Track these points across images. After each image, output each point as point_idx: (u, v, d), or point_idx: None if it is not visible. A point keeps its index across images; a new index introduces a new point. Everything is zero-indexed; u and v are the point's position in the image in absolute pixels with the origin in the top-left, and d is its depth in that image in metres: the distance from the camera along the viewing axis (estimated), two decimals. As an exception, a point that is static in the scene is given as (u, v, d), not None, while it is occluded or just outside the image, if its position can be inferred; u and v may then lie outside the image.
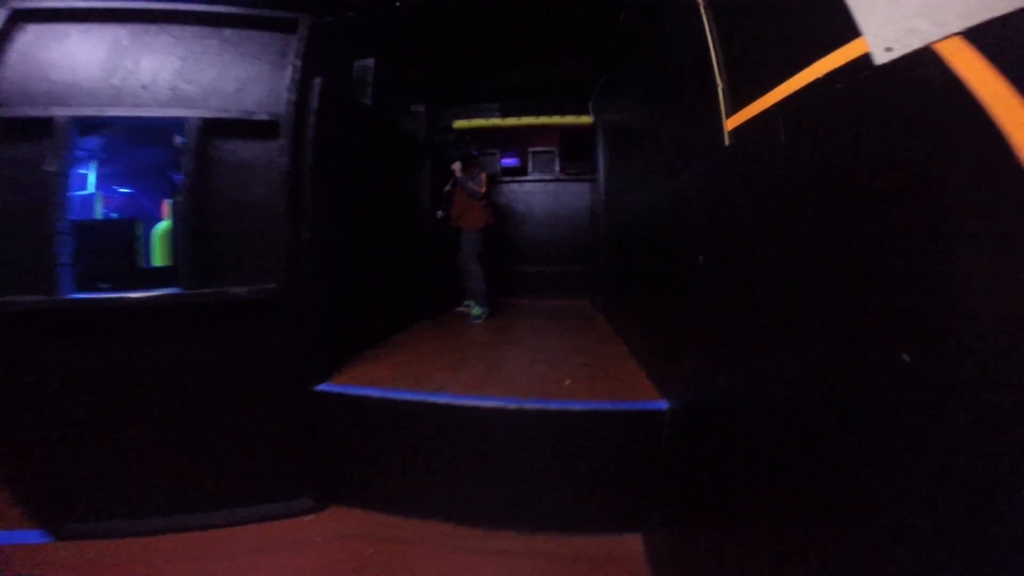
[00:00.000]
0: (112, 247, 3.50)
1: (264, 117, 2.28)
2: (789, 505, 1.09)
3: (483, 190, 4.25)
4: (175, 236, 2.18)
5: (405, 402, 2.34)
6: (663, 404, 2.20)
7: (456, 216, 4.35)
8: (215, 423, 2.34)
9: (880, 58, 0.76)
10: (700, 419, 1.83)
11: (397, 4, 2.76)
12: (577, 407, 2.20)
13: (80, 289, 2.29)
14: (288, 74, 2.34)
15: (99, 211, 6.30)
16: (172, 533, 2.26)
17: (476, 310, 4.42)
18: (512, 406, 2.21)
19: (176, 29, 2.32)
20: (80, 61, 2.21)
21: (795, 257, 1.06)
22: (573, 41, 3.58)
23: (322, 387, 2.47)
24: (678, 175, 2.08)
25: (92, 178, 6.08)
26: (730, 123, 1.50)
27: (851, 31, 0.82)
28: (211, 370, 2.30)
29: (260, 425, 2.38)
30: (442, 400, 2.31)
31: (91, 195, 6.12)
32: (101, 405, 2.22)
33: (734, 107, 1.47)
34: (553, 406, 2.21)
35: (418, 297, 4.23)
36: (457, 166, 4.32)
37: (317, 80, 2.41)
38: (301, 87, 2.35)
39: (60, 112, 2.09)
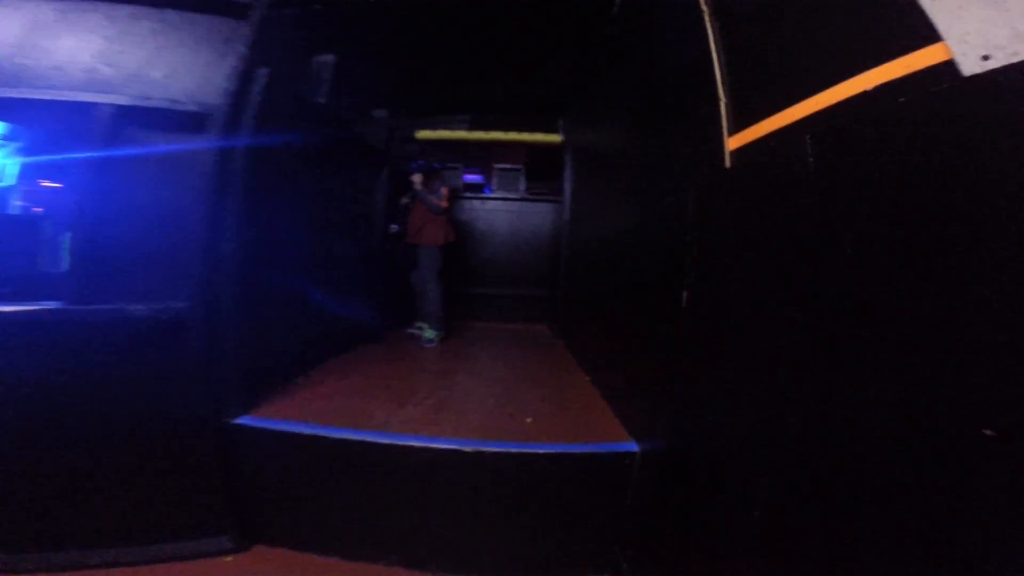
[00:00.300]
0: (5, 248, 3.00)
1: (194, 108, 1.97)
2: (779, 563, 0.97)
3: (444, 204, 4.00)
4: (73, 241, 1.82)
5: (341, 441, 2.04)
6: (633, 446, 2.03)
7: (414, 232, 4.08)
8: (118, 454, 1.98)
9: (971, 67, 0.60)
10: (676, 464, 1.68)
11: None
12: (541, 449, 1.99)
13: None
14: (229, 62, 2.05)
15: (15, 206, 5.55)
16: (75, 570, 1.90)
17: (429, 333, 4.14)
18: (468, 448, 1.96)
19: (110, 7, 2.00)
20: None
21: (825, 302, 0.90)
22: (552, 52, 3.41)
23: (243, 420, 2.14)
24: (661, 200, 1.94)
25: (9, 170, 5.38)
26: (733, 142, 1.36)
27: (922, 36, 0.67)
28: (110, 396, 1.93)
29: (170, 459, 2.02)
30: (385, 440, 2.03)
31: (6, 188, 5.40)
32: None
33: (739, 125, 1.34)
34: (514, 448, 1.98)
35: (365, 317, 3.90)
36: (417, 178, 4.04)
37: (262, 71, 2.12)
38: (243, 78, 2.06)
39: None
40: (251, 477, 2.12)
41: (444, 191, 4.05)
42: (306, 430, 2.09)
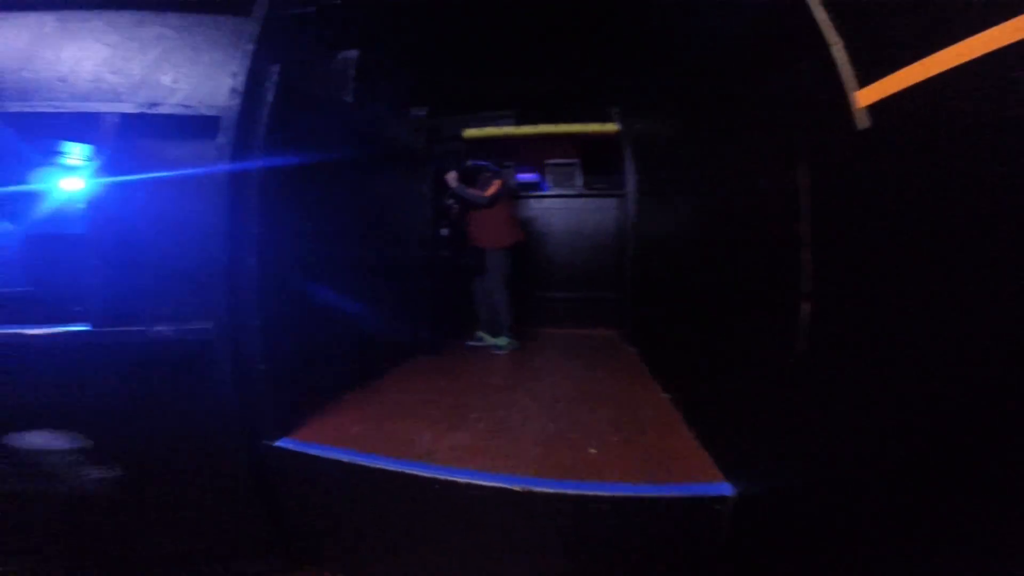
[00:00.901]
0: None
1: (205, 112, 1.82)
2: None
3: (487, 192, 3.76)
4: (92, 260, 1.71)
5: (380, 471, 1.79)
6: (726, 487, 1.61)
7: (476, 234, 3.88)
8: (156, 477, 1.91)
9: None
10: (789, 515, 1.29)
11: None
12: (605, 491, 1.61)
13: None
14: (238, 62, 1.88)
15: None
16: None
17: (501, 340, 3.91)
18: (517, 487, 1.63)
19: (111, 14, 1.91)
20: (-7, 52, 1.82)
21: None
22: (596, 35, 3.07)
23: (282, 443, 1.97)
24: (751, 182, 1.52)
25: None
26: (865, 96, 1.00)
27: None
28: (143, 419, 1.85)
29: (208, 481, 1.92)
30: (427, 472, 1.74)
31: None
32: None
33: (871, 72, 0.99)
34: (571, 489, 1.62)
35: (414, 329, 3.69)
36: (452, 176, 3.84)
37: (275, 67, 1.94)
38: (253, 76, 1.88)
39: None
40: (294, 500, 1.97)
41: (496, 183, 3.82)
42: (343, 457, 1.87)
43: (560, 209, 5.14)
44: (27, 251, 3.28)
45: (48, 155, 4.51)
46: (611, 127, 4.47)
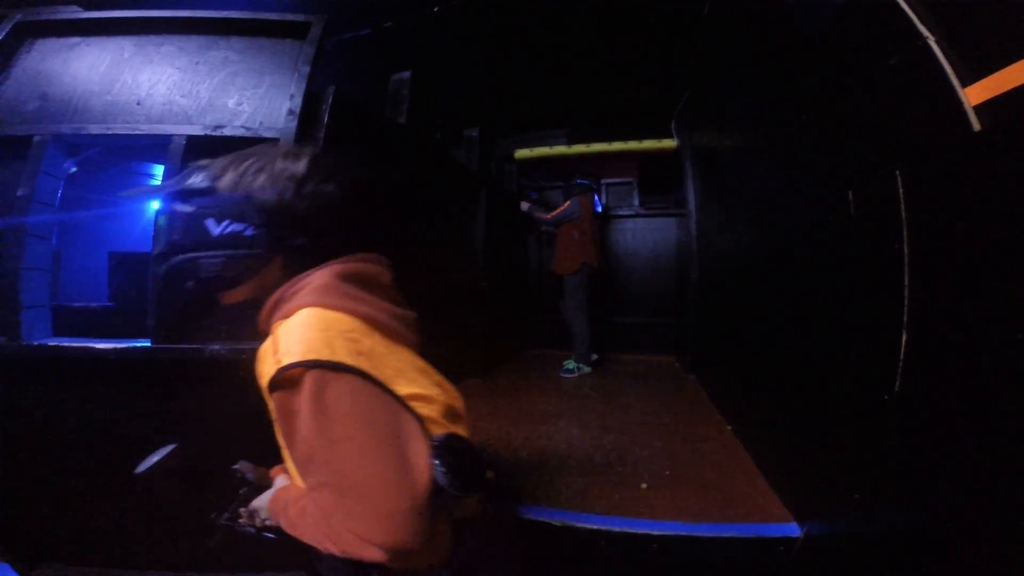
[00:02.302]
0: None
1: (264, 134, 1.89)
2: None
3: (549, 215, 3.86)
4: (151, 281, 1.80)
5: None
6: (793, 528, 1.44)
7: (554, 261, 3.94)
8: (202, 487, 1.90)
9: None
10: (868, 561, 1.12)
11: (435, 9, 2.35)
12: (656, 529, 1.46)
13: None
14: (296, 84, 1.95)
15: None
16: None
17: (569, 364, 3.85)
18: (556, 521, 1.52)
19: (182, 39, 2.04)
20: (79, 76, 1.98)
21: None
22: (649, 52, 2.99)
23: None
24: (836, 197, 1.36)
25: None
26: (977, 92, 0.86)
27: None
28: (201, 426, 1.85)
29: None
30: (463, 501, 1.66)
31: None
32: (72, 454, 1.86)
33: (985, 65, 0.85)
34: (616, 526, 1.48)
35: (465, 351, 3.64)
36: (525, 205, 4.04)
37: (330, 89, 1.99)
38: (309, 98, 1.94)
39: (39, 130, 1.83)
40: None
41: (565, 204, 3.88)
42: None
43: (616, 230, 4.99)
44: (111, 268, 3.58)
45: (138, 176, 4.97)
46: (669, 143, 4.31)
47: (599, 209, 4.31)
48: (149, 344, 1.84)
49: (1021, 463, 0.75)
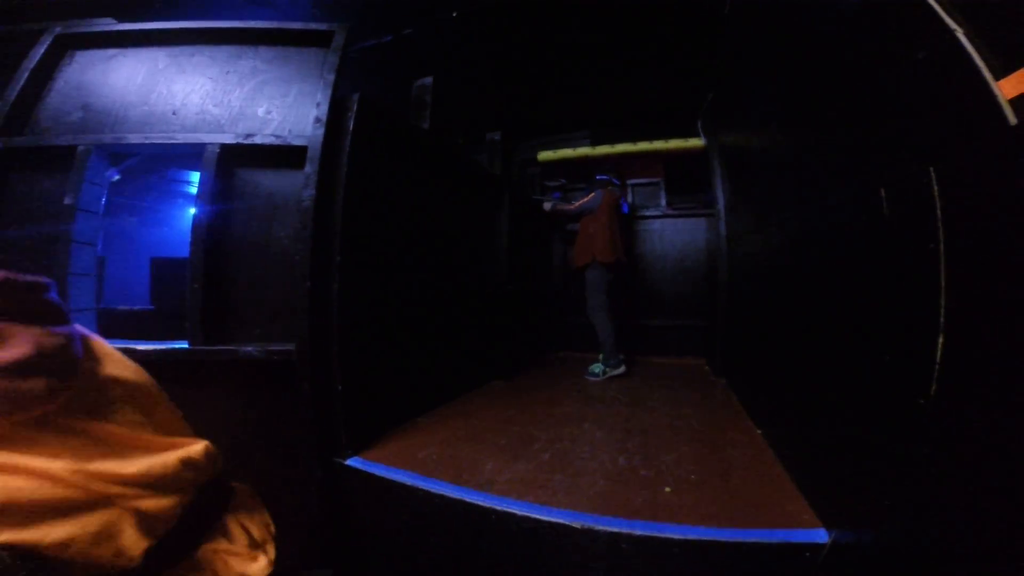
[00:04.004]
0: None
1: (293, 142, 1.95)
2: None
3: (573, 206, 3.86)
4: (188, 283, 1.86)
5: (440, 496, 1.75)
6: (821, 534, 1.40)
7: (573, 254, 3.96)
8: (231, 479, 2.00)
9: None
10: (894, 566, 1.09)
11: (455, 14, 2.37)
12: (678, 533, 1.44)
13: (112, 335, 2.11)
14: (322, 92, 2.01)
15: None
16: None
17: (596, 367, 3.79)
18: (577, 524, 1.51)
19: (212, 49, 2.12)
20: (117, 87, 2.08)
21: None
22: (671, 44, 2.95)
23: (352, 462, 2.01)
24: (867, 196, 1.32)
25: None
26: (1012, 85, 0.83)
27: None
28: (231, 425, 1.98)
29: (280, 490, 1.95)
30: (484, 502, 1.67)
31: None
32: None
33: (1017, 58, 0.83)
34: (639, 530, 1.46)
35: (491, 353, 3.66)
36: (547, 205, 4.05)
37: (354, 96, 2.04)
38: (335, 105, 2.00)
39: (82, 140, 1.93)
40: (359, 518, 2.00)
41: (589, 195, 3.86)
42: (406, 479, 1.86)
43: (643, 231, 4.92)
44: (152, 273, 3.74)
45: (175, 183, 5.19)
46: (696, 142, 4.23)
47: (625, 210, 4.27)
48: (187, 346, 1.91)
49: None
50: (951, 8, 0.96)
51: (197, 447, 0.86)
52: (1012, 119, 0.84)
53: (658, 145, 4.35)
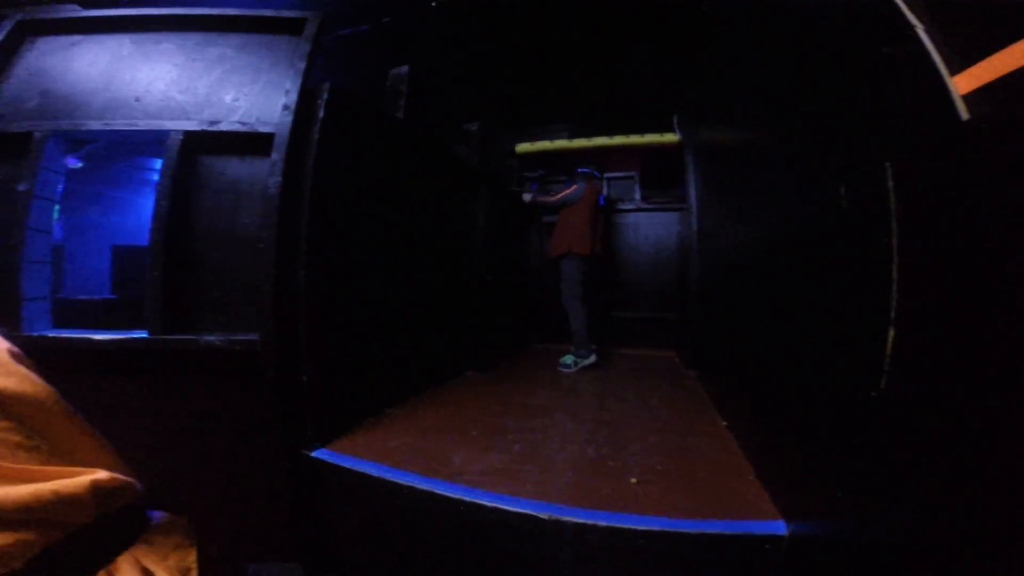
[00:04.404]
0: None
1: (260, 129, 1.90)
2: None
3: (554, 197, 3.92)
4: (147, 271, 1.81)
5: (408, 488, 1.74)
6: (779, 526, 1.44)
7: (549, 244, 4.02)
8: (195, 472, 1.98)
9: None
10: (847, 558, 1.13)
11: (433, 4, 2.34)
12: (641, 525, 1.46)
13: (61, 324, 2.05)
14: (292, 80, 1.96)
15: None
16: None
17: (567, 358, 3.82)
18: (545, 515, 1.52)
19: (180, 36, 2.06)
20: (79, 73, 2.02)
21: None
22: (649, 44, 2.97)
23: (319, 454, 1.99)
24: (828, 191, 1.35)
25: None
26: (966, 81, 0.84)
27: None
28: (191, 415, 1.94)
29: (244, 482, 2.00)
30: (453, 494, 1.67)
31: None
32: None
33: (974, 53, 0.83)
34: (603, 521, 1.48)
35: (466, 344, 3.66)
36: (528, 196, 4.12)
37: (325, 84, 2.00)
38: (305, 93, 1.95)
39: (39, 127, 1.86)
40: (327, 510, 1.98)
41: (571, 187, 3.90)
42: (373, 471, 1.85)
43: (617, 224, 4.98)
44: (114, 262, 3.63)
45: (144, 171, 5.02)
46: (671, 138, 4.29)
47: (602, 203, 4.30)
48: (146, 335, 1.86)
49: (1010, 462, 0.74)
50: (913, 4, 0.98)
51: (80, 480, 0.71)
52: (964, 115, 0.86)
53: (634, 139, 4.39)
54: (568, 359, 3.83)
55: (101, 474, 0.74)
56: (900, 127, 1.04)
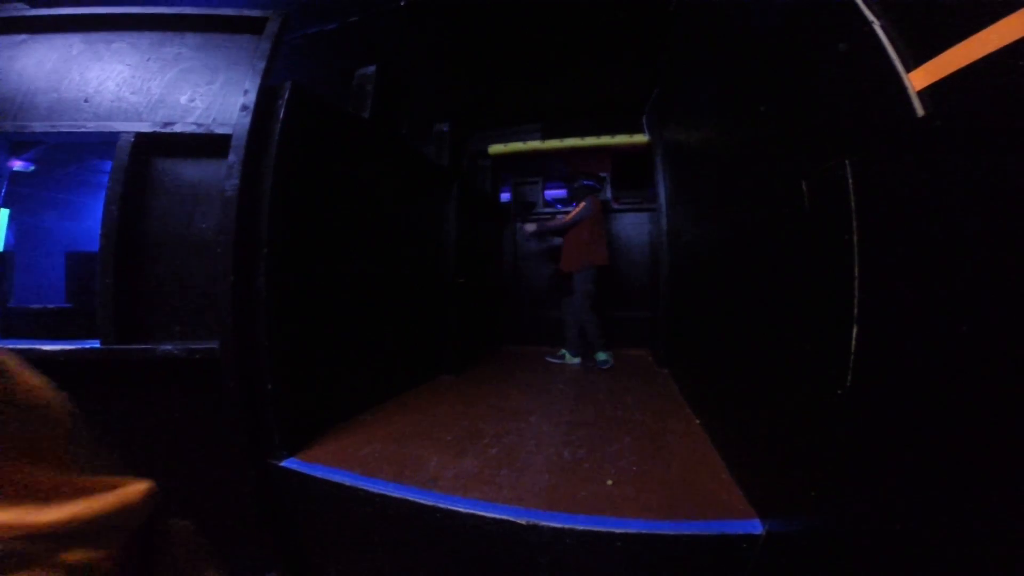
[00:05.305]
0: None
1: (217, 131, 1.83)
2: None
3: (567, 220, 3.92)
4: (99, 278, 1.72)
5: (381, 496, 1.70)
6: (756, 525, 1.44)
7: (562, 258, 4.06)
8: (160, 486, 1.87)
9: None
10: (823, 556, 1.13)
11: (402, 3, 2.30)
12: (618, 527, 1.45)
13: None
14: (252, 80, 1.90)
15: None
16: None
17: (601, 355, 3.96)
18: (521, 520, 1.50)
19: (133, 35, 1.98)
20: (25, 73, 1.91)
21: None
22: (618, 40, 2.98)
23: (288, 463, 1.93)
24: (790, 190, 1.36)
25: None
26: (921, 77, 0.85)
27: None
28: (149, 435, 1.86)
29: (214, 495, 1.91)
30: (427, 500, 1.64)
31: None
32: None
33: (923, 51, 0.85)
34: (580, 524, 1.47)
35: (438, 348, 3.61)
36: (529, 227, 4.18)
37: (287, 83, 1.94)
38: (264, 93, 1.89)
39: (-24, 129, 1.75)
40: (297, 520, 1.92)
41: (579, 206, 3.94)
42: (345, 479, 1.80)
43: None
44: (68, 269, 3.47)
45: (99, 174, 4.81)
46: (641, 138, 4.32)
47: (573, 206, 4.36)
48: (99, 345, 1.77)
49: (973, 456, 0.75)
50: (870, 0, 0.99)
51: (136, 487, 0.70)
52: (920, 111, 0.87)
53: (605, 140, 4.41)
54: (601, 356, 3.95)
55: (145, 480, 0.75)
56: (858, 124, 1.05)
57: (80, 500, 0.61)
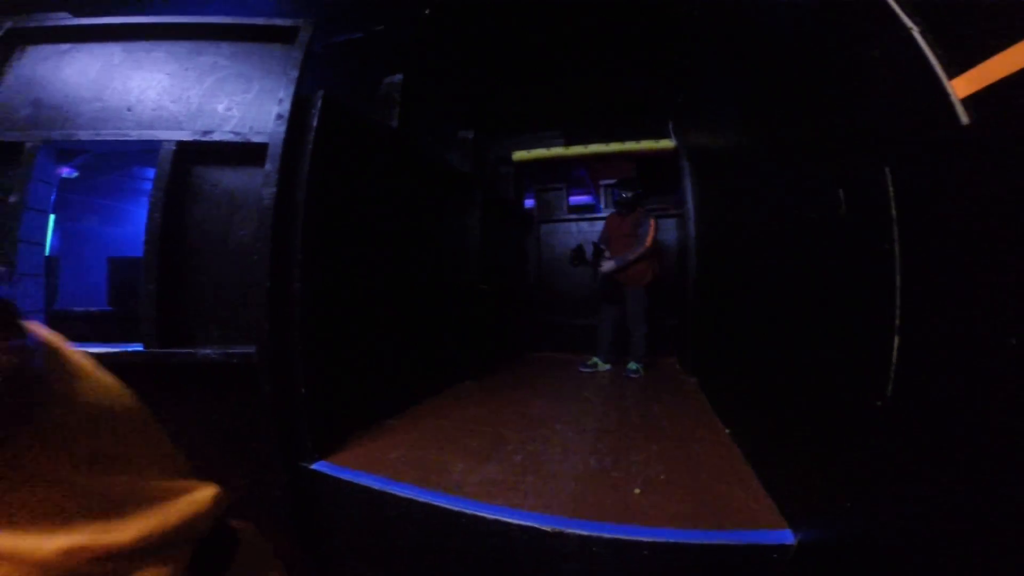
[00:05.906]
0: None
1: (253, 139, 1.89)
2: None
3: (648, 243, 3.85)
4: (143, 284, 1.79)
5: (408, 500, 1.72)
6: (787, 535, 1.41)
7: (629, 275, 4.01)
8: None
9: None
10: (856, 567, 1.09)
11: (427, 12, 2.34)
12: (646, 536, 1.44)
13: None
14: (285, 89, 1.95)
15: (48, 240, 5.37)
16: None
17: (633, 365, 3.96)
18: (547, 527, 1.50)
19: (171, 44, 2.05)
20: (70, 82, 2.00)
21: None
22: (643, 44, 2.97)
23: (318, 466, 1.96)
24: (826, 195, 1.34)
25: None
26: (964, 84, 0.82)
27: None
28: (192, 431, 1.91)
29: (246, 496, 1.95)
30: (454, 506, 1.65)
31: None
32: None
33: (970, 56, 0.82)
34: (607, 532, 1.46)
35: (462, 354, 3.63)
36: (608, 264, 3.99)
37: (319, 93, 1.99)
38: (298, 102, 1.94)
39: (30, 137, 1.84)
40: (327, 522, 1.94)
41: (651, 223, 3.88)
42: (374, 483, 1.82)
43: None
44: (110, 273, 3.60)
45: (140, 181, 5.01)
46: (667, 143, 4.28)
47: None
48: (142, 348, 1.84)
49: (1016, 467, 0.72)
50: (908, 6, 0.97)
51: (205, 492, 0.66)
52: (964, 119, 0.85)
53: (630, 146, 4.37)
54: (633, 366, 3.95)
55: (211, 484, 0.72)
56: (898, 131, 1.03)
57: (154, 509, 0.58)
